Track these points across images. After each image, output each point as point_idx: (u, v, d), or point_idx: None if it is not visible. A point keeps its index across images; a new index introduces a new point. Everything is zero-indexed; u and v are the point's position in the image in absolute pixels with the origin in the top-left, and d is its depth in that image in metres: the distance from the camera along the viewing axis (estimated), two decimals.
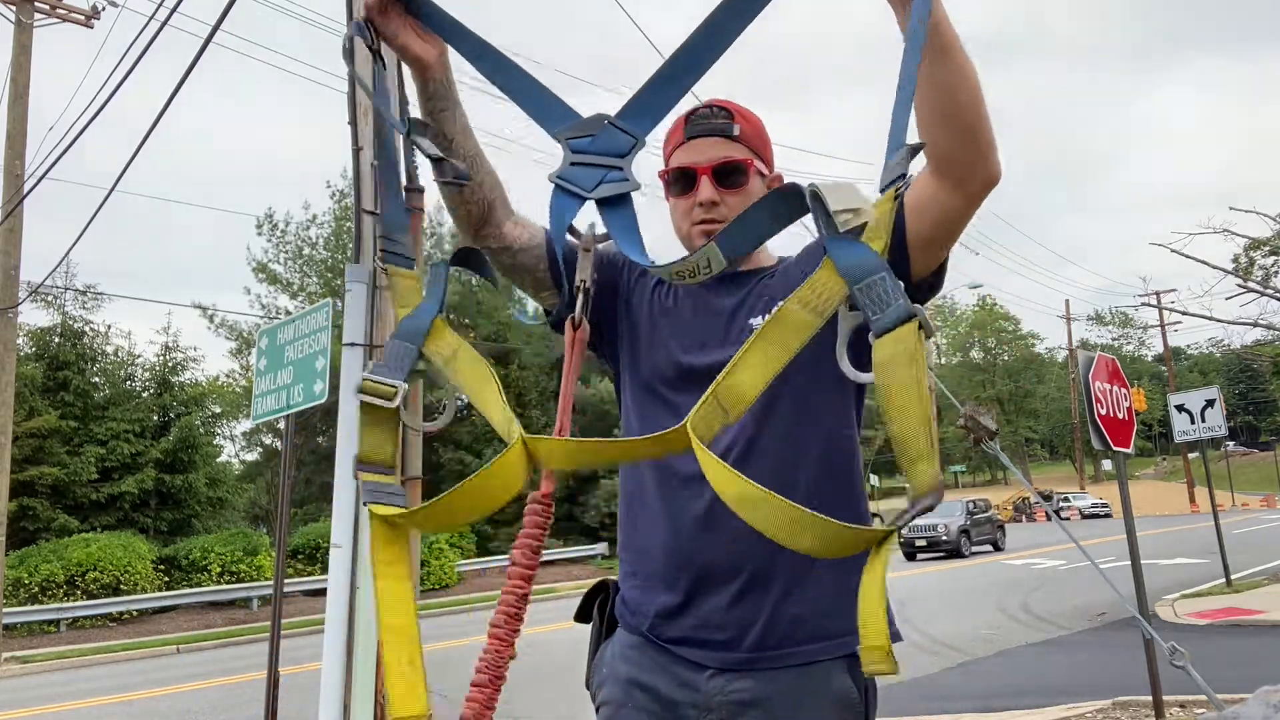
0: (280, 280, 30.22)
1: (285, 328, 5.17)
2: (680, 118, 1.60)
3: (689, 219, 1.58)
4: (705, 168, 1.55)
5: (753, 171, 1.58)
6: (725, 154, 1.55)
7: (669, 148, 1.62)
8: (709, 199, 1.54)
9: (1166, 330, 50.97)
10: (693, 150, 1.57)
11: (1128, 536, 5.32)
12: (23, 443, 20.44)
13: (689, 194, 1.57)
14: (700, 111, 1.59)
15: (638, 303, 1.64)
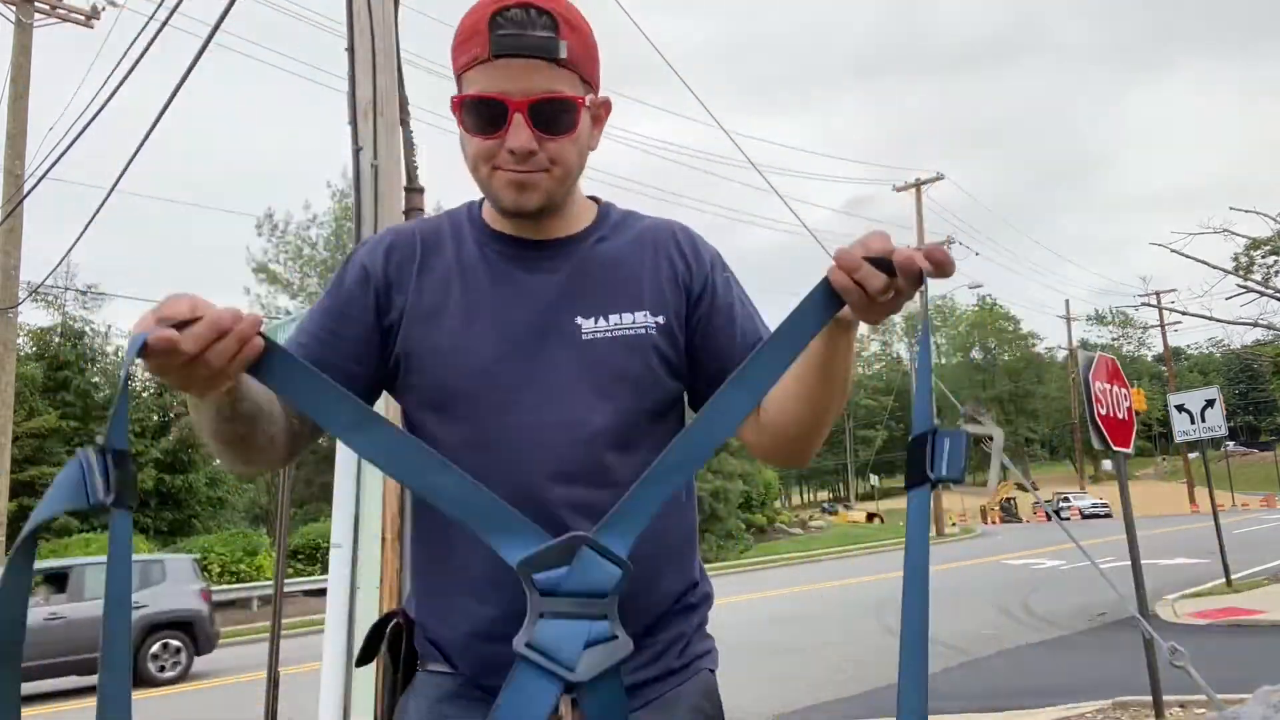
0: (280, 280, 30.23)
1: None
2: (481, 14, 1.16)
3: (491, 162, 1.20)
4: (520, 103, 1.16)
5: (583, 110, 1.21)
6: (548, 87, 1.17)
7: (464, 54, 1.19)
8: (525, 147, 1.17)
9: (1166, 330, 51.04)
10: (501, 73, 1.16)
11: (1128, 536, 5.32)
12: (23, 443, 20.45)
13: (495, 133, 1.18)
14: (512, 15, 1.15)
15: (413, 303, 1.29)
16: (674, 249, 1.33)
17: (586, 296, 1.26)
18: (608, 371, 1.23)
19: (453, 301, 1.26)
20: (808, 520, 47.08)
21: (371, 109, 4.21)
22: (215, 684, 10.59)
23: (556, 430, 1.20)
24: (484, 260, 1.28)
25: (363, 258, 1.30)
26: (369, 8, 4.28)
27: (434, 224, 1.35)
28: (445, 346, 1.24)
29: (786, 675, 7.95)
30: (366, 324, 1.26)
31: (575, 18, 1.20)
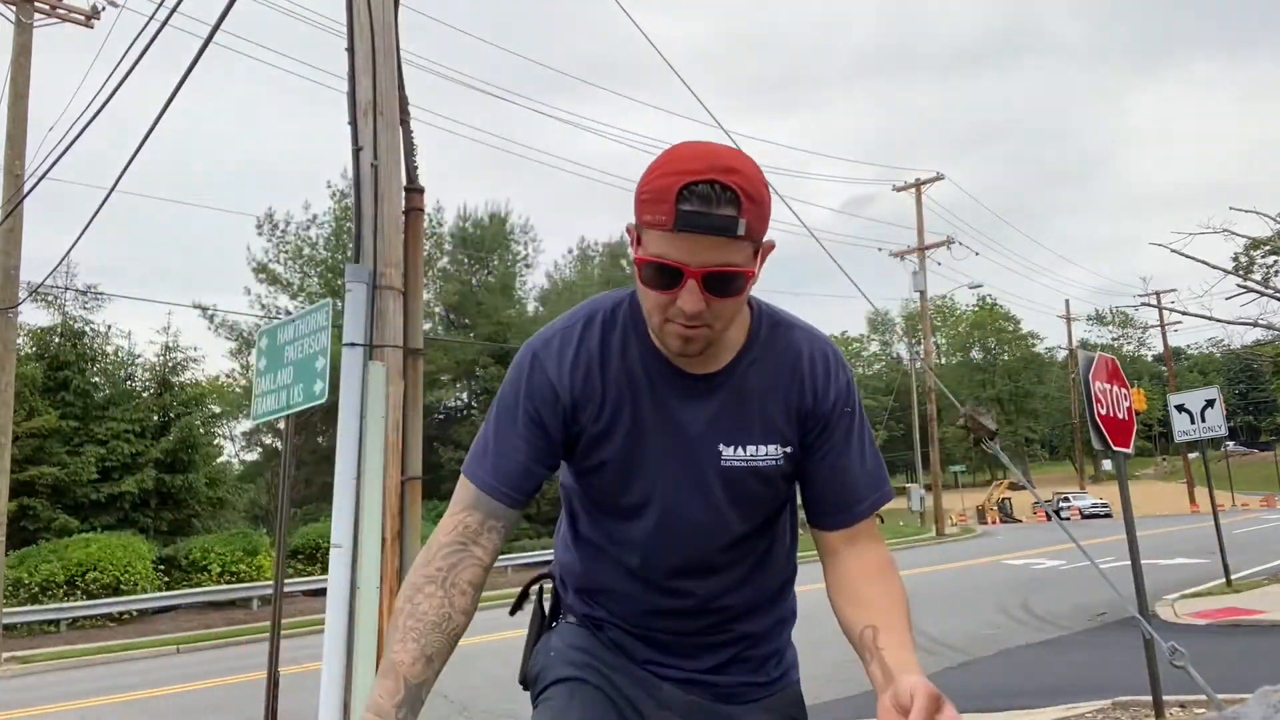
0: (280, 280, 30.25)
1: (285, 328, 5.17)
2: (669, 184, 1.24)
3: (664, 315, 1.33)
4: (696, 272, 1.27)
5: (751, 277, 1.34)
6: (724, 260, 1.27)
7: (648, 215, 1.28)
8: (695, 311, 1.30)
9: (1166, 330, 51.04)
10: (683, 245, 1.26)
11: (1128, 536, 5.31)
12: (23, 443, 20.43)
13: (669, 290, 1.30)
14: (699, 190, 1.23)
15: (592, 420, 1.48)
16: (808, 382, 1.48)
17: (729, 429, 1.46)
18: (742, 493, 1.48)
19: (622, 424, 1.46)
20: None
21: (371, 109, 4.21)
22: (215, 684, 10.59)
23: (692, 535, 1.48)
24: (649, 385, 1.46)
25: (551, 373, 1.45)
26: (369, 8, 4.28)
27: (603, 333, 1.48)
28: (611, 463, 1.48)
29: None
30: (560, 432, 1.47)
31: (756, 188, 1.28)
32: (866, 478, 1.52)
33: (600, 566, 1.55)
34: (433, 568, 1.40)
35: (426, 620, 1.35)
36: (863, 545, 1.50)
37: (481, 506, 1.44)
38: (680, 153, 1.28)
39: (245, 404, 27.21)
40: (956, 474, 63.04)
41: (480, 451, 1.47)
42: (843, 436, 1.49)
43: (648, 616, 1.53)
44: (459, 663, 1.69)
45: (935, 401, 37.79)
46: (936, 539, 33.35)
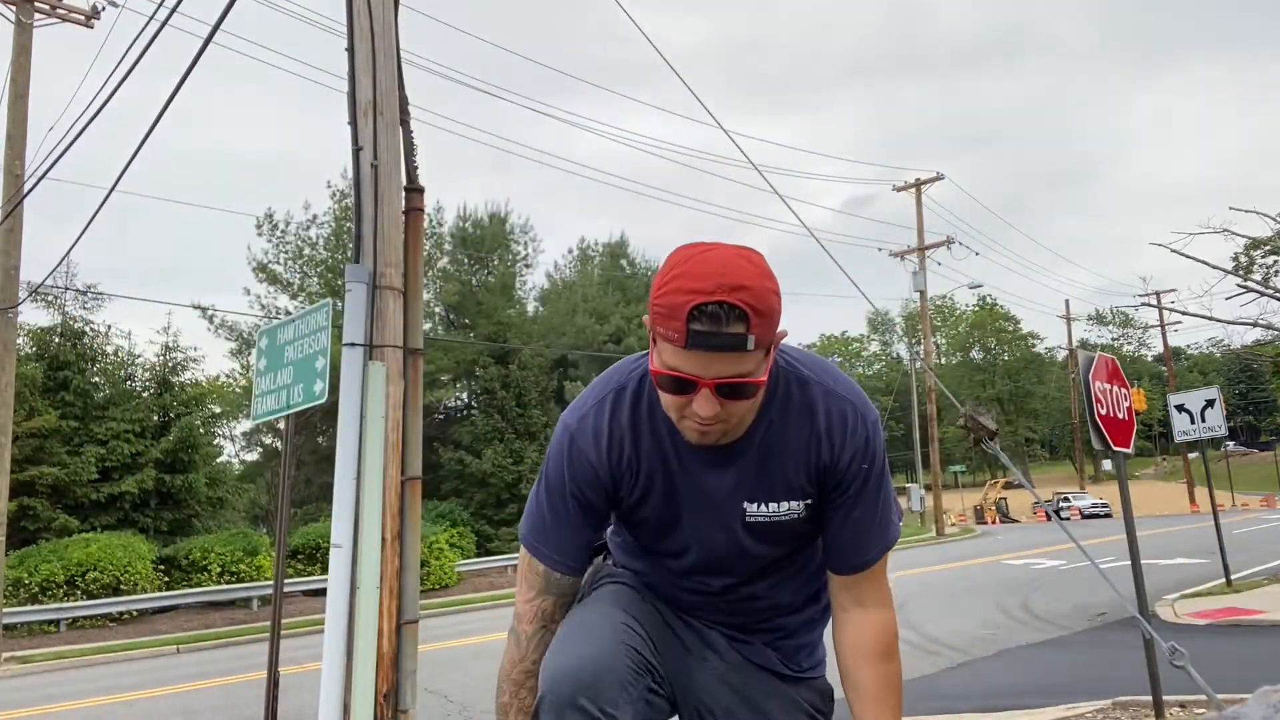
0: (280, 280, 30.24)
1: (285, 328, 5.17)
2: (680, 303, 1.30)
3: (680, 414, 1.44)
4: (709, 383, 1.36)
5: (762, 384, 1.41)
6: (735, 371, 1.35)
7: (661, 328, 1.35)
8: (709, 414, 1.39)
9: (1166, 330, 51.03)
10: (694, 360, 1.34)
11: (1128, 536, 5.31)
12: (23, 443, 20.43)
13: (683, 396, 1.39)
14: (709, 311, 1.29)
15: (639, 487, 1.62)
16: (824, 441, 1.55)
17: (752, 489, 1.56)
18: (768, 537, 1.60)
19: (656, 490, 1.58)
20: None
21: (371, 109, 4.21)
22: (215, 684, 10.59)
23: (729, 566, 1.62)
24: (676, 455, 1.55)
25: (591, 456, 1.57)
26: (369, 8, 4.28)
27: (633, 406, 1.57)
28: (651, 521, 1.61)
29: None
30: (606, 508, 1.63)
31: (764, 300, 1.33)
32: (877, 530, 1.60)
33: (648, 571, 1.71)
34: (529, 662, 1.59)
35: (531, 712, 1.54)
36: (870, 610, 1.61)
37: (553, 587, 1.62)
38: (691, 268, 1.32)
39: (245, 404, 27.20)
40: (956, 474, 63.03)
41: (539, 528, 1.61)
42: (857, 491, 1.57)
43: (693, 606, 1.70)
44: (461, 662, 1.70)
45: (935, 401, 37.79)
46: (936, 539, 33.33)
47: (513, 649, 1.60)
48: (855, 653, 1.57)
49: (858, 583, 1.60)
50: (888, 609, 1.61)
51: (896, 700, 1.54)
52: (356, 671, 3.64)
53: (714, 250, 1.36)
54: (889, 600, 1.62)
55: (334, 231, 30.11)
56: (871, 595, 1.60)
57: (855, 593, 1.60)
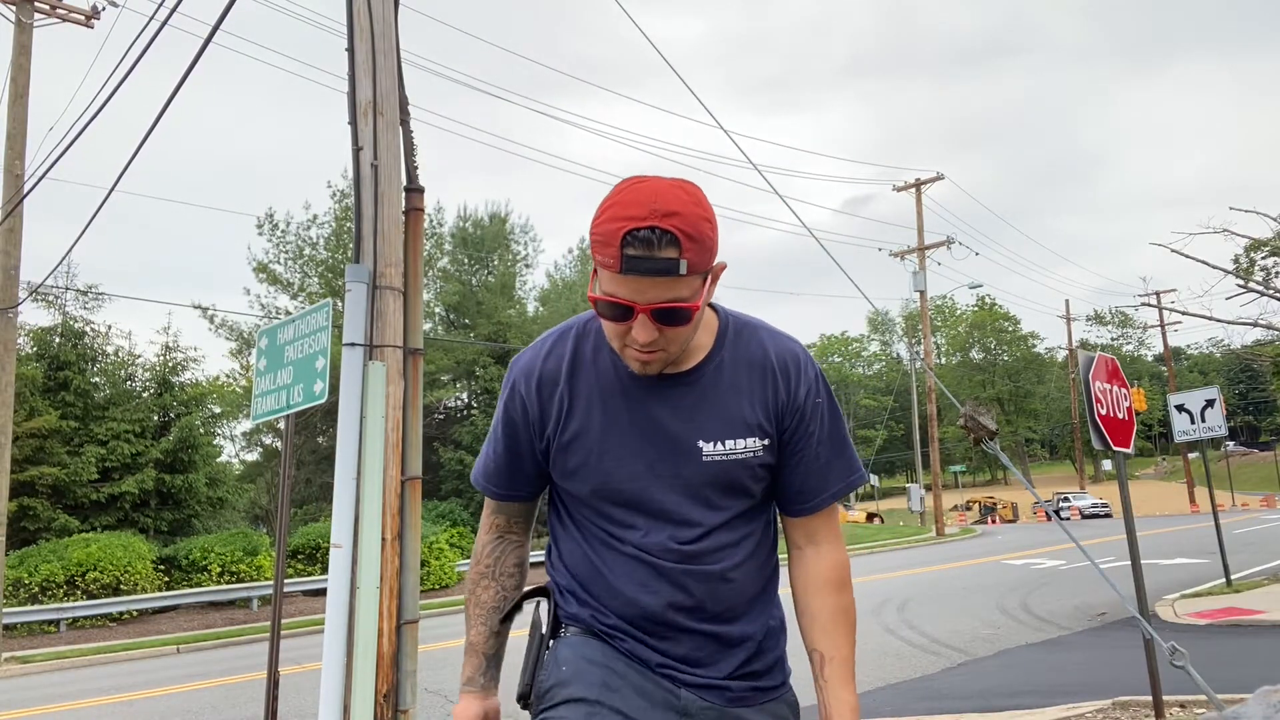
0: (280, 280, 30.25)
1: (285, 328, 5.17)
2: (614, 229, 1.34)
3: (621, 342, 1.47)
4: (645, 308, 1.38)
5: (698, 309, 1.42)
6: (670, 296, 1.37)
7: (599, 256, 1.38)
8: (648, 339, 1.41)
9: (1166, 330, 51.01)
10: (630, 285, 1.36)
11: (1128, 536, 5.31)
12: (23, 443, 20.43)
13: (622, 323, 1.42)
14: (641, 236, 1.32)
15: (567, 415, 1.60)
16: (779, 378, 1.57)
17: (706, 425, 1.53)
18: (724, 484, 1.55)
19: (595, 426, 1.55)
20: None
21: (371, 109, 4.21)
22: (215, 684, 10.59)
23: (679, 530, 1.54)
24: (620, 387, 1.55)
25: (521, 390, 1.60)
26: (369, 8, 4.28)
27: (575, 344, 1.59)
28: (590, 465, 1.56)
29: None
30: (531, 443, 1.62)
31: (696, 227, 1.36)
32: (839, 463, 1.62)
33: (604, 561, 1.58)
34: (482, 565, 1.69)
35: (487, 606, 1.67)
36: (824, 546, 1.63)
37: (503, 509, 1.70)
38: (625, 196, 1.36)
39: (245, 404, 27.21)
40: (956, 474, 63.07)
41: (482, 459, 1.70)
42: (818, 427, 1.59)
43: (658, 604, 1.54)
44: (461, 662, 1.70)
45: (935, 401, 37.79)
46: (936, 539, 33.32)
47: (472, 560, 1.72)
48: (809, 585, 1.60)
49: (814, 521, 1.63)
50: (840, 545, 1.65)
51: (851, 628, 1.60)
52: (356, 671, 3.64)
53: (649, 181, 1.39)
54: (841, 538, 1.67)
55: (334, 231, 30.13)
56: (826, 533, 1.64)
57: (809, 530, 1.63)
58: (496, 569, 1.68)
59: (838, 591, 1.60)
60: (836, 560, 1.62)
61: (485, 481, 1.69)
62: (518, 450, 1.63)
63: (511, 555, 1.70)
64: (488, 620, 1.67)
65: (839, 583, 1.61)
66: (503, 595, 1.68)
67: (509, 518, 1.71)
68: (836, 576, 1.61)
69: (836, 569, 1.62)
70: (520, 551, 1.72)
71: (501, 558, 1.69)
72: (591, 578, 1.59)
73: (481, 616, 1.67)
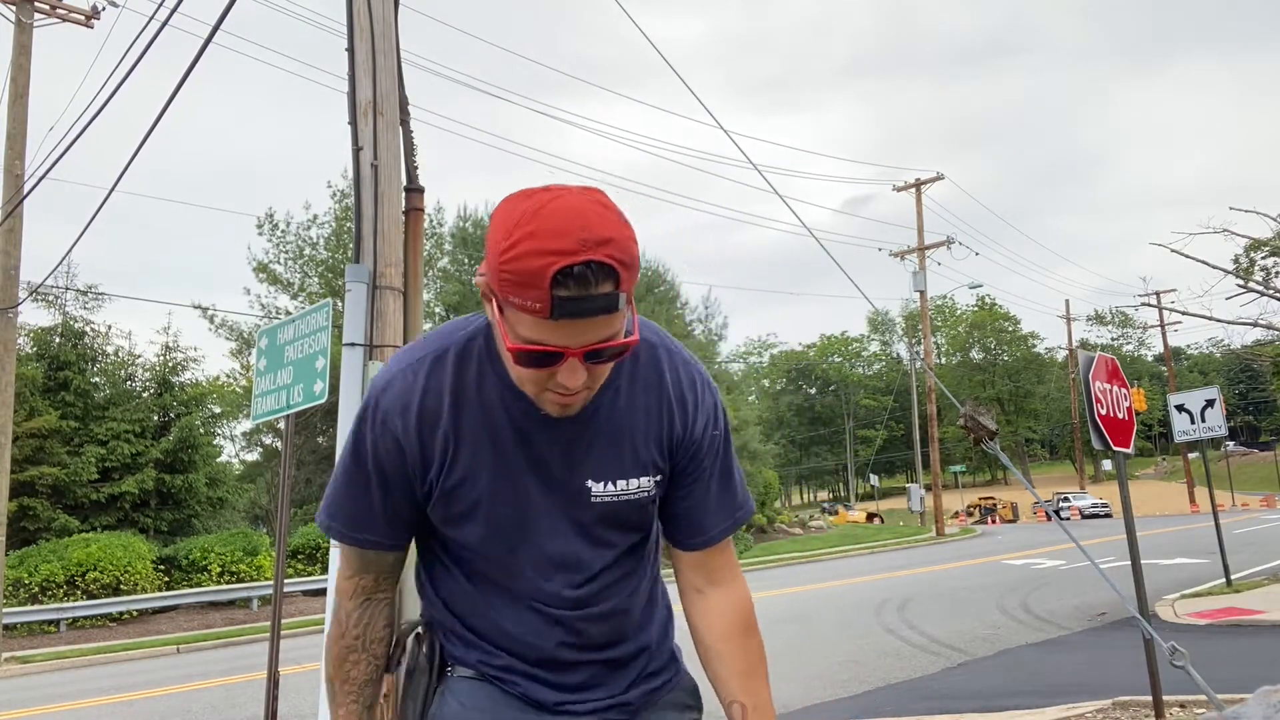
0: (280, 280, 30.23)
1: (285, 328, 5.17)
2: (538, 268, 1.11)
3: (540, 386, 1.26)
4: (577, 352, 1.19)
5: (637, 341, 1.27)
6: (606, 334, 1.19)
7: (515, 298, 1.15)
8: (577, 385, 1.23)
9: (1166, 330, 51.02)
10: (561, 331, 1.16)
11: (1128, 536, 5.31)
12: (23, 443, 20.42)
13: (546, 369, 1.22)
14: (576, 273, 1.11)
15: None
16: (676, 408, 1.43)
17: (598, 464, 1.39)
18: (614, 522, 1.44)
19: (483, 470, 1.37)
20: (808, 520, 47.08)
21: (371, 109, 4.21)
22: (215, 684, 10.59)
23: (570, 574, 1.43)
24: (508, 424, 1.37)
25: (397, 429, 1.35)
26: (369, 8, 4.28)
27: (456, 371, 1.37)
28: (478, 513, 1.39)
29: (786, 675, 7.94)
30: (407, 487, 1.40)
31: (629, 250, 1.17)
32: (729, 499, 1.51)
33: (490, 604, 1.46)
34: (349, 638, 1.47)
35: (359, 682, 1.47)
36: (725, 587, 1.53)
37: (372, 565, 1.46)
38: (542, 224, 1.12)
39: (245, 404, 27.18)
40: (956, 474, 63.08)
41: (338, 503, 1.43)
42: (711, 461, 1.47)
43: (550, 645, 1.45)
44: None
45: (935, 401, 37.79)
46: (936, 539, 33.33)
47: (335, 625, 1.49)
48: (718, 633, 1.51)
49: (711, 558, 1.52)
50: (741, 583, 1.55)
51: (765, 670, 1.52)
52: None
53: (559, 198, 1.16)
54: (740, 574, 1.57)
55: (334, 231, 30.11)
56: (725, 571, 1.53)
57: (708, 570, 1.52)
58: (366, 637, 1.47)
59: (747, 635, 1.52)
60: (741, 602, 1.53)
61: (354, 531, 1.42)
62: (391, 494, 1.39)
63: (381, 618, 1.49)
64: (360, 697, 1.47)
65: (747, 626, 1.52)
66: (375, 666, 1.48)
67: (378, 575, 1.47)
68: (744, 620, 1.52)
69: (743, 612, 1.52)
70: (389, 610, 1.51)
71: (371, 624, 1.48)
72: (477, 620, 1.47)
73: (353, 694, 1.47)
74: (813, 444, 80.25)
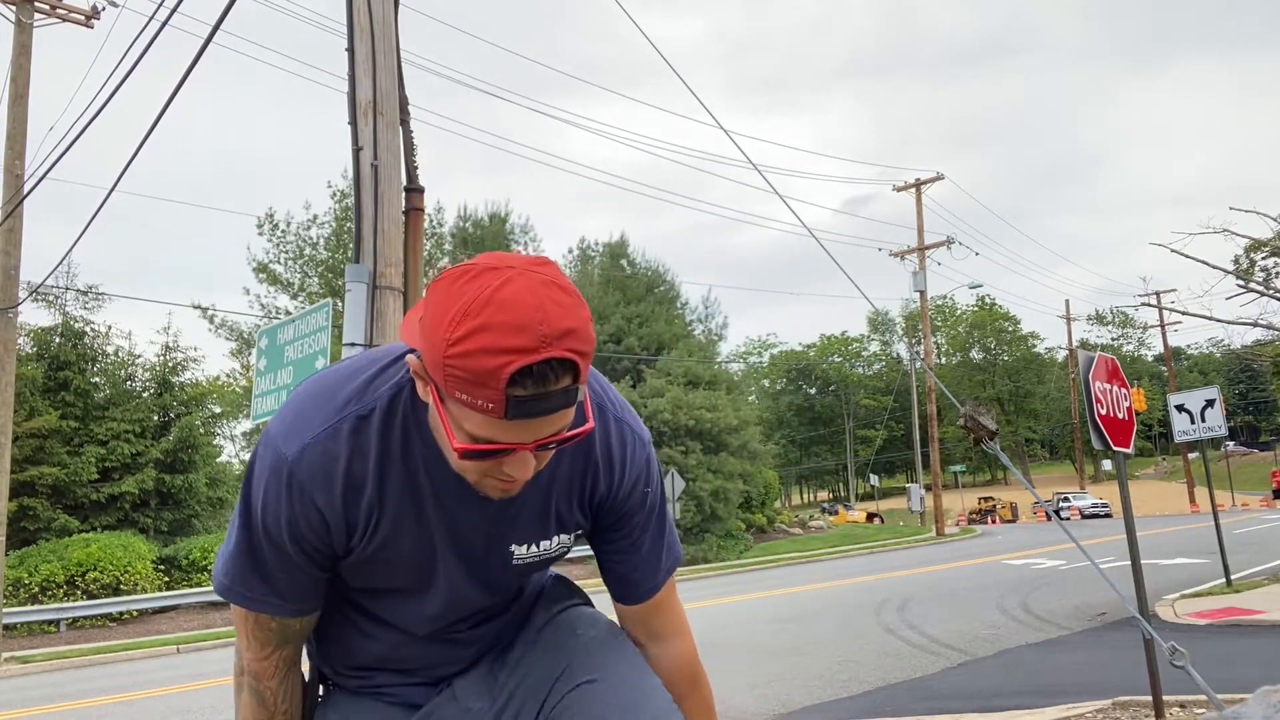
0: (280, 280, 30.23)
1: (285, 328, 5.17)
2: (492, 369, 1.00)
3: (482, 475, 1.17)
4: (530, 447, 1.10)
5: (592, 428, 1.20)
6: (561, 425, 1.10)
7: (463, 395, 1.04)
8: (526, 475, 1.15)
9: (1166, 330, 51.04)
10: (515, 430, 1.07)
11: (1128, 536, 5.31)
12: (23, 443, 20.43)
13: (493, 460, 1.13)
14: (536, 372, 1.01)
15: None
16: (602, 468, 1.36)
17: (521, 531, 1.35)
18: (525, 578, 1.46)
19: (405, 541, 1.30)
20: (808, 520, 47.08)
21: (371, 109, 4.21)
22: (215, 684, 10.59)
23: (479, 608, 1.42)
24: (432, 491, 1.28)
25: (317, 498, 1.23)
26: (369, 8, 4.28)
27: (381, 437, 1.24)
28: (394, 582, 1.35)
29: (786, 675, 7.94)
30: (324, 552, 1.29)
31: (588, 335, 1.06)
32: (664, 552, 1.48)
33: (370, 643, 1.42)
34: (281, 714, 1.40)
35: None
36: (667, 642, 1.51)
37: (291, 635, 1.37)
38: (497, 318, 1.00)
39: (245, 404, 27.20)
40: (956, 474, 63.10)
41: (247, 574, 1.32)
42: (643, 520, 1.42)
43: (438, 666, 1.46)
44: None
45: (935, 401, 37.79)
46: (936, 539, 33.34)
47: (257, 708, 1.37)
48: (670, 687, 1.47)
49: (650, 612, 1.48)
50: (684, 635, 1.51)
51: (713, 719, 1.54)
52: None
53: (510, 282, 1.03)
54: (684, 624, 1.52)
55: (334, 231, 30.11)
56: (667, 624, 1.50)
57: (649, 625, 1.49)
58: (291, 708, 1.41)
59: (693, 689, 1.50)
60: (684, 656, 1.50)
61: (281, 600, 1.31)
62: (309, 558, 1.28)
63: (299, 684, 1.43)
64: None
65: (692, 679, 1.50)
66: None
67: (297, 645, 1.39)
68: (688, 674, 1.50)
69: (687, 665, 1.50)
70: (300, 673, 1.45)
71: (292, 693, 1.41)
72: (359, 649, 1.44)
73: None
74: (813, 444, 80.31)
